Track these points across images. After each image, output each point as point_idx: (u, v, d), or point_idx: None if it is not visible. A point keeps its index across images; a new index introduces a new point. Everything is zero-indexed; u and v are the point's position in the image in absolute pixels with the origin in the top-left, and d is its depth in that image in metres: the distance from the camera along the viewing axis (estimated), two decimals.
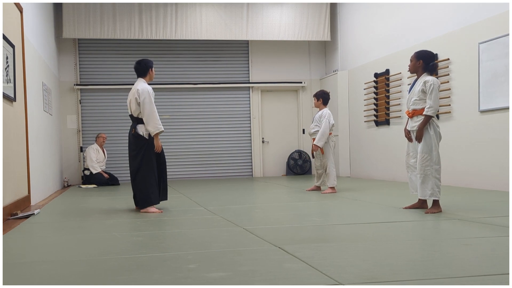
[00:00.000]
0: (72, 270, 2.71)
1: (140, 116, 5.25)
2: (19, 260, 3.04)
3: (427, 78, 4.72)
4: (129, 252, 3.17)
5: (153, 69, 5.55)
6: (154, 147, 5.27)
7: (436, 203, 4.67)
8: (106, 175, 9.87)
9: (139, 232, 4.01)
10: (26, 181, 6.21)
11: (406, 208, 4.98)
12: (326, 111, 7.05)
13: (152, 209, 5.25)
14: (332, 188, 6.92)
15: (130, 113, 5.40)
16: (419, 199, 4.90)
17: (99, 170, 9.81)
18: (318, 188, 7.27)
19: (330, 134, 7.03)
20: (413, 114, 4.85)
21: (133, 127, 5.33)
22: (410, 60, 4.89)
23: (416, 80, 4.88)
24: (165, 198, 5.56)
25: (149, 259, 2.92)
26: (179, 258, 2.92)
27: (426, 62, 4.78)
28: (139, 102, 5.20)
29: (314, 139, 7.07)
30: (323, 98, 7.14)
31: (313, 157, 7.24)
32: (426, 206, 4.87)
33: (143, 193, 5.26)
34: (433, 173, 4.62)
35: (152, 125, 5.19)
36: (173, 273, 2.57)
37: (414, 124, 4.81)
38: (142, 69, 5.49)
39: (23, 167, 6.08)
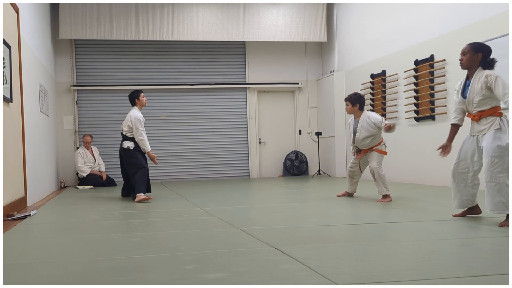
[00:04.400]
0: (69, 271, 2.71)
1: (128, 135, 6.73)
2: (17, 261, 3.03)
3: (485, 72, 4.04)
4: (125, 253, 3.17)
5: (140, 97, 6.86)
6: (139, 153, 6.72)
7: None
8: (98, 173, 9.88)
9: (135, 233, 4.00)
10: (22, 182, 6.19)
11: (456, 215, 4.38)
12: (372, 113, 6.08)
13: (142, 196, 6.36)
14: (389, 196, 5.81)
15: (121, 131, 6.82)
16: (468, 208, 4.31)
17: (88, 171, 9.79)
18: (349, 194, 6.35)
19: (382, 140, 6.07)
20: (480, 116, 4.06)
21: (122, 142, 6.81)
22: (463, 53, 4.16)
23: (467, 79, 4.21)
24: (149, 191, 6.83)
25: (145, 260, 2.92)
26: (175, 259, 2.93)
27: (485, 55, 4.11)
28: (131, 127, 6.68)
29: (365, 150, 6.03)
30: (359, 102, 6.04)
31: (361, 171, 6.20)
32: (478, 212, 4.31)
33: (139, 186, 6.47)
34: (506, 181, 3.85)
35: (142, 147, 6.72)
36: (169, 273, 2.58)
37: (483, 127, 4.03)
38: (131, 100, 6.92)
39: (20, 168, 6.07)
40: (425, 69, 8.06)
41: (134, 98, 6.87)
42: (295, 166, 11.58)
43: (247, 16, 10.78)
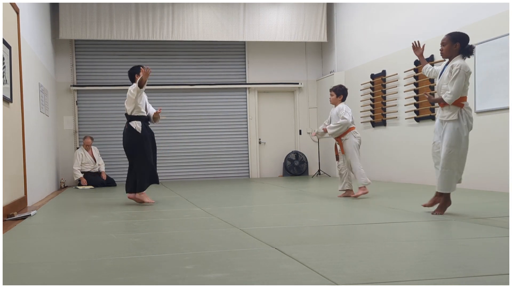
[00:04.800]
0: (70, 271, 2.71)
1: (134, 114, 5.95)
2: (17, 261, 3.03)
3: (455, 62, 4.31)
4: (126, 253, 3.17)
5: (141, 72, 5.83)
6: (147, 139, 5.97)
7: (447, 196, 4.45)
8: (92, 171, 9.90)
9: (136, 233, 4.00)
10: (22, 182, 6.19)
11: (425, 205, 4.71)
12: (344, 105, 6.39)
13: (147, 198, 6.00)
14: (363, 188, 6.15)
15: (125, 112, 6.09)
16: (436, 193, 4.60)
17: (80, 176, 9.77)
18: (348, 193, 6.38)
19: (353, 128, 6.31)
20: (443, 105, 4.43)
21: (127, 123, 6.02)
22: (443, 43, 4.39)
23: (446, 65, 4.47)
24: (157, 182, 6.14)
25: (146, 260, 2.92)
26: (175, 259, 2.93)
27: (463, 44, 4.32)
28: (129, 96, 5.93)
29: (339, 140, 6.38)
30: (344, 94, 6.47)
31: (337, 159, 6.49)
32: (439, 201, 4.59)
33: (140, 179, 5.92)
34: (457, 168, 4.34)
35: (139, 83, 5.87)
36: (170, 274, 2.58)
37: (445, 114, 4.39)
38: (131, 76, 6.18)
39: (20, 168, 6.07)
40: None
41: (133, 74, 6.10)
42: (295, 166, 11.58)
43: (247, 16, 10.78)
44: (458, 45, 4.32)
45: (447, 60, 4.49)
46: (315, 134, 6.83)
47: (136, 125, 5.96)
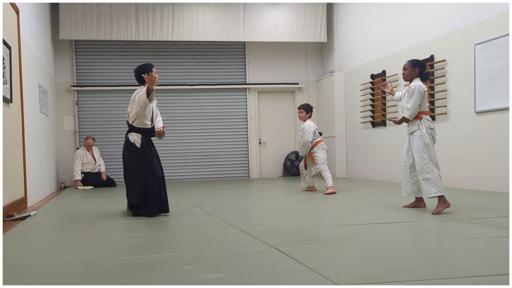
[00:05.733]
0: (70, 271, 2.71)
1: (135, 124, 5.05)
2: (17, 261, 3.03)
3: (412, 83, 4.90)
4: (126, 254, 3.17)
5: (153, 73, 5.06)
6: (145, 153, 4.98)
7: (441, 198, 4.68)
8: (93, 171, 9.90)
9: (135, 233, 4.00)
10: (22, 183, 6.20)
11: (405, 206, 5.15)
12: (308, 122, 7.36)
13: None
14: (332, 187, 7.04)
15: (126, 120, 5.23)
16: (416, 198, 5.09)
17: (77, 178, 9.77)
18: (311, 188, 7.54)
19: (320, 142, 7.28)
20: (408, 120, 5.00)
21: (126, 135, 5.13)
22: (404, 68, 4.99)
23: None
24: (166, 211, 5.06)
25: (146, 260, 2.93)
26: (176, 259, 2.93)
27: (421, 69, 4.95)
28: (136, 108, 5.02)
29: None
30: (311, 111, 7.51)
31: (305, 168, 7.49)
32: (423, 205, 5.05)
33: (140, 200, 4.93)
34: (434, 170, 4.68)
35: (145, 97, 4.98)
36: (170, 274, 2.58)
37: (409, 128, 4.95)
38: (138, 76, 5.24)
39: (20, 168, 6.07)
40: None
41: (141, 74, 5.09)
42: (295, 167, 11.57)
43: (247, 16, 10.78)
44: (417, 69, 4.93)
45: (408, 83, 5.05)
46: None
47: (135, 138, 5.02)
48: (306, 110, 7.42)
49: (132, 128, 5.07)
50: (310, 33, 11.06)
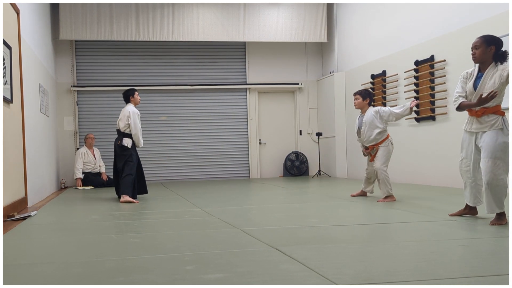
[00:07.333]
0: (70, 271, 2.71)
1: (126, 132, 6.67)
2: (17, 261, 3.03)
3: (500, 67, 3.93)
4: (126, 254, 3.17)
5: (135, 95, 6.86)
6: (135, 154, 6.74)
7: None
8: (93, 171, 9.91)
9: (136, 233, 4.00)
10: (22, 183, 6.20)
11: (452, 215, 4.37)
12: (380, 107, 6.16)
13: (128, 198, 6.37)
14: (389, 197, 5.84)
15: (117, 128, 6.75)
16: (466, 205, 4.27)
17: (80, 176, 9.76)
18: (364, 194, 6.42)
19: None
20: (483, 113, 3.93)
21: (119, 139, 6.71)
22: (476, 47, 4.04)
23: (479, 73, 4.07)
24: (145, 192, 6.96)
25: (146, 260, 2.93)
26: (176, 259, 2.93)
27: (498, 48, 3.97)
28: (129, 123, 6.65)
29: (371, 147, 6.07)
30: (370, 98, 6.20)
31: (366, 155, 6.26)
32: (475, 213, 4.27)
33: (126, 188, 6.50)
34: (505, 183, 3.84)
35: (137, 142, 6.77)
36: (170, 274, 2.58)
37: (484, 125, 3.92)
38: (125, 98, 6.89)
39: (20, 168, 6.07)
40: (426, 69, 8.06)
41: (128, 96, 6.86)
42: (295, 167, 11.57)
43: (247, 16, 10.78)
44: (493, 48, 3.97)
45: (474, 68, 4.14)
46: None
47: (127, 142, 6.70)
48: (363, 96, 6.14)
49: (124, 135, 6.72)
50: (310, 33, 11.06)
